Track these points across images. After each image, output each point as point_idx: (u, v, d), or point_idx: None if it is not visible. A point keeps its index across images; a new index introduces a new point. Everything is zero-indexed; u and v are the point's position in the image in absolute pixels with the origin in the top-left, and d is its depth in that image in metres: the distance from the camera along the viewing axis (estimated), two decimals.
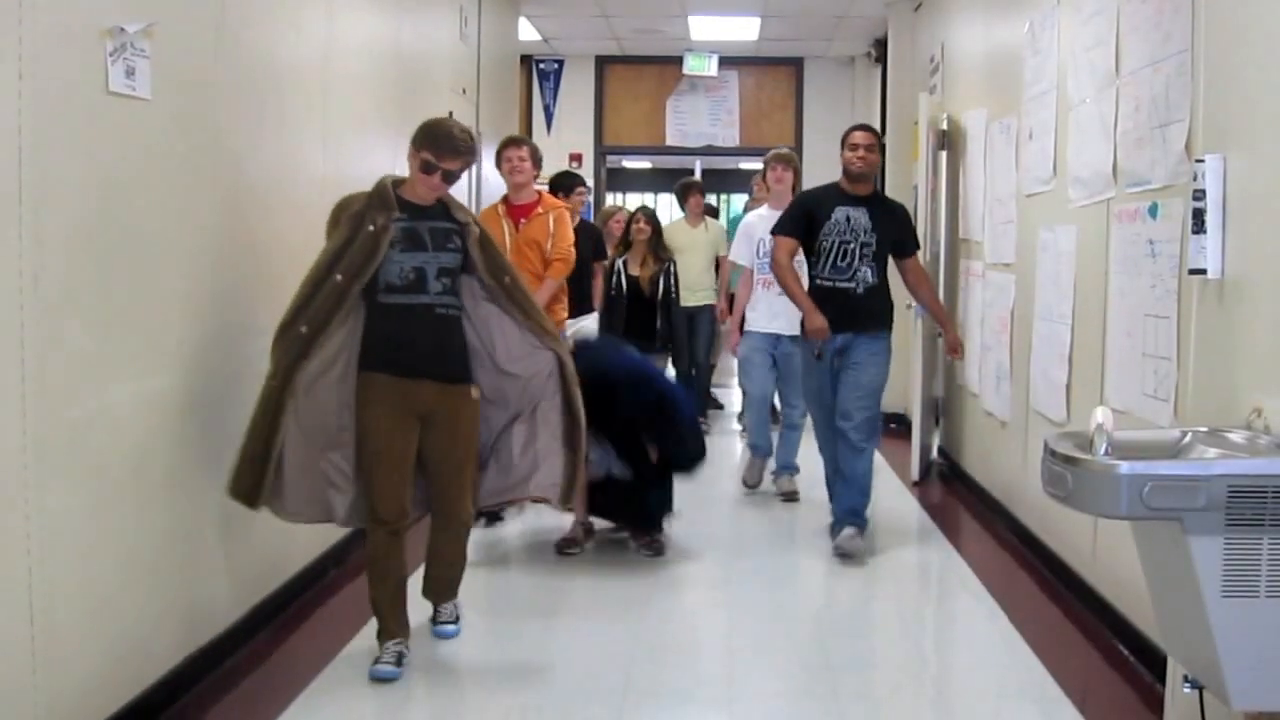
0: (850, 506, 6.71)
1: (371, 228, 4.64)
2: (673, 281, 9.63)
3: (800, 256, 6.93)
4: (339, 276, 4.61)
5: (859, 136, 6.83)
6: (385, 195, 4.74)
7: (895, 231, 6.82)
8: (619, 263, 9.34)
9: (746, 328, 8.21)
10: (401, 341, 4.70)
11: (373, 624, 4.94)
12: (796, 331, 7.12)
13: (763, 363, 8.14)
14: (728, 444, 10.29)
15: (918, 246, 7.10)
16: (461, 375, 4.87)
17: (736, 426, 10.89)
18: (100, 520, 3.91)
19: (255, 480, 4.61)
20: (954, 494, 8.52)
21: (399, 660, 4.78)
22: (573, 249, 7.42)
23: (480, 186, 9.69)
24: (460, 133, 4.82)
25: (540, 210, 7.34)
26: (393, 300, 4.69)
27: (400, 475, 4.75)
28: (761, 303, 8.07)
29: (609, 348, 7.05)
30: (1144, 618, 4.78)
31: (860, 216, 6.69)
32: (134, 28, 3.94)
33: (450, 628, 5.25)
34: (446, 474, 4.88)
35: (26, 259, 3.46)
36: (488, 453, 5.10)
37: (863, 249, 6.66)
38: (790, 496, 8.03)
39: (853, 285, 6.65)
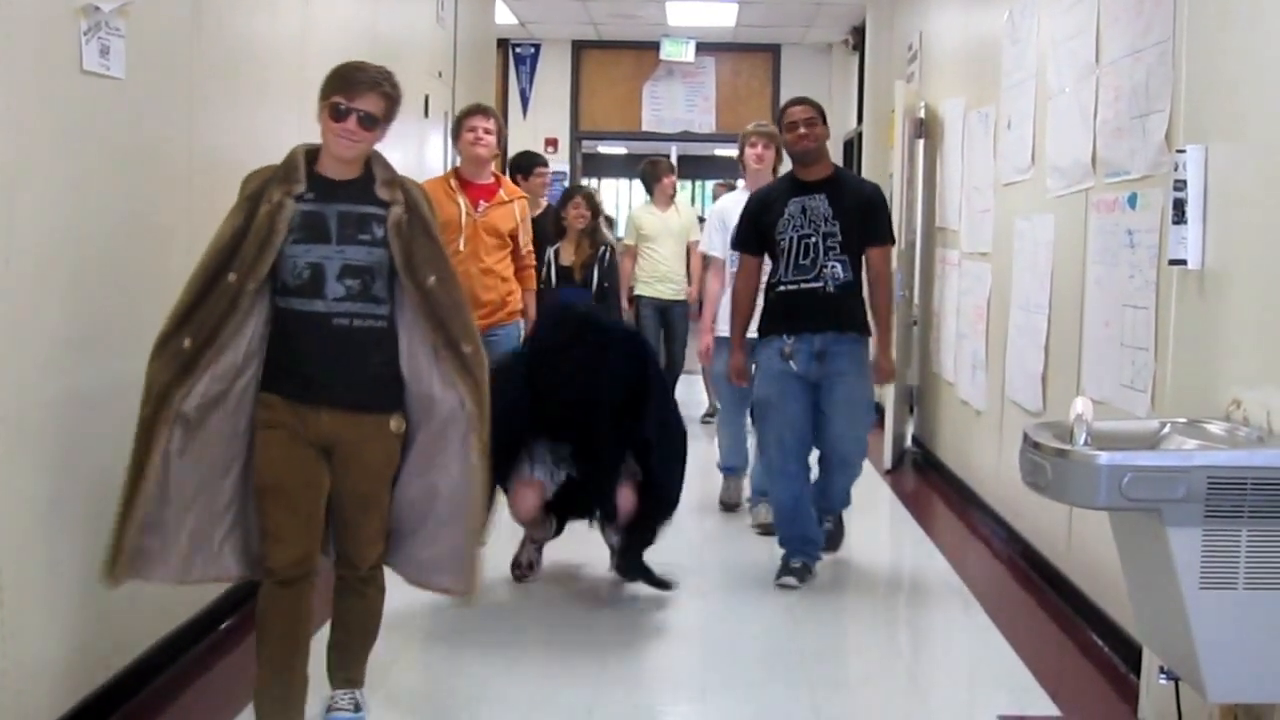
0: (828, 505, 6.15)
1: (267, 205, 3.75)
2: (607, 269, 8.17)
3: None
4: (231, 275, 3.70)
5: (795, 112, 5.90)
6: (292, 166, 3.85)
7: (863, 214, 5.85)
8: (550, 251, 8.03)
9: (718, 332, 7.03)
10: (295, 358, 3.83)
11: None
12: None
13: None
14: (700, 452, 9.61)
15: (888, 237, 6.07)
16: (372, 403, 3.88)
17: (708, 420, 10.14)
18: (66, 505, 3.87)
19: (114, 543, 3.70)
20: (928, 483, 8.53)
21: None
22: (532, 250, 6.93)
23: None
24: (373, 66, 3.96)
25: (505, 196, 6.63)
26: (288, 305, 3.80)
27: (296, 516, 3.82)
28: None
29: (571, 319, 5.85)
30: (1118, 608, 4.79)
31: (819, 204, 5.77)
32: (109, 6, 3.89)
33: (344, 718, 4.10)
34: (345, 518, 3.95)
35: None
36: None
37: (826, 240, 5.73)
38: (768, 530, 6.53)
39: (820, 285, 5.72)
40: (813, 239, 5.74)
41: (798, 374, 5.77)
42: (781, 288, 5.82)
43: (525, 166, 8.38)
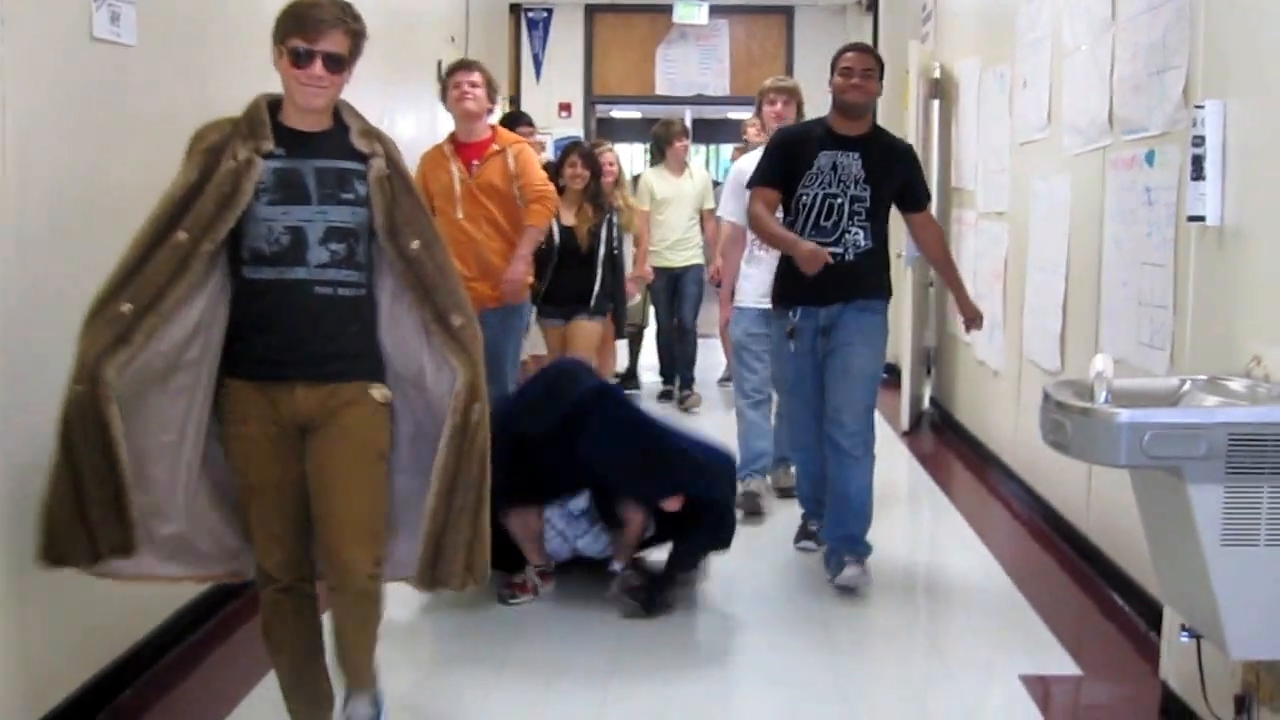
0: (846, 534, 5.38)
1: (232, 163, 3.33)
2: (615, 234, 7.79)
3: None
4: (182, 233, 3.27)
5: (853, 59, 5.34)
6: (257, 119, 3.41)
7: (898, 180, 5.39)
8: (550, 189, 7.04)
9: (738, 302, 6.64)
10: (266, 334, 3.41)
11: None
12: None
13: (760, 350, 6.47)
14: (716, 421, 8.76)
15: (928, 197, 5.72)
16: (349, 371, 3.46)
17: (724, 383, 10.09)
18: None
19: (72, 529, 3.30)
20: (946, 444, 8.52)
21: None
22: (550, 184, 6.42)
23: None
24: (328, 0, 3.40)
25: (495, 147, 6.23)
26: (259, 275, 3.38)
27: (283, 516, 3.48)
28: (756, 270, 6.38)
29: (573, 373, 5.44)
30: (1138, 566, 4.78)
31: (851, 163, 5.26)
32: None
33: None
34: (330, 512, 3.46)
35: (10, 205, 3.42)
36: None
37: (853, 204, 5.24)
38: (788, 492, 6.46)
39: (840, 251, 5.22)
40: (839, 200, 5.25)
41: (806, 355, 5.39)
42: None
43: (508, 126, 7.67)
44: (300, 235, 3.37)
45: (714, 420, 8.71)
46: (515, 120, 8.21)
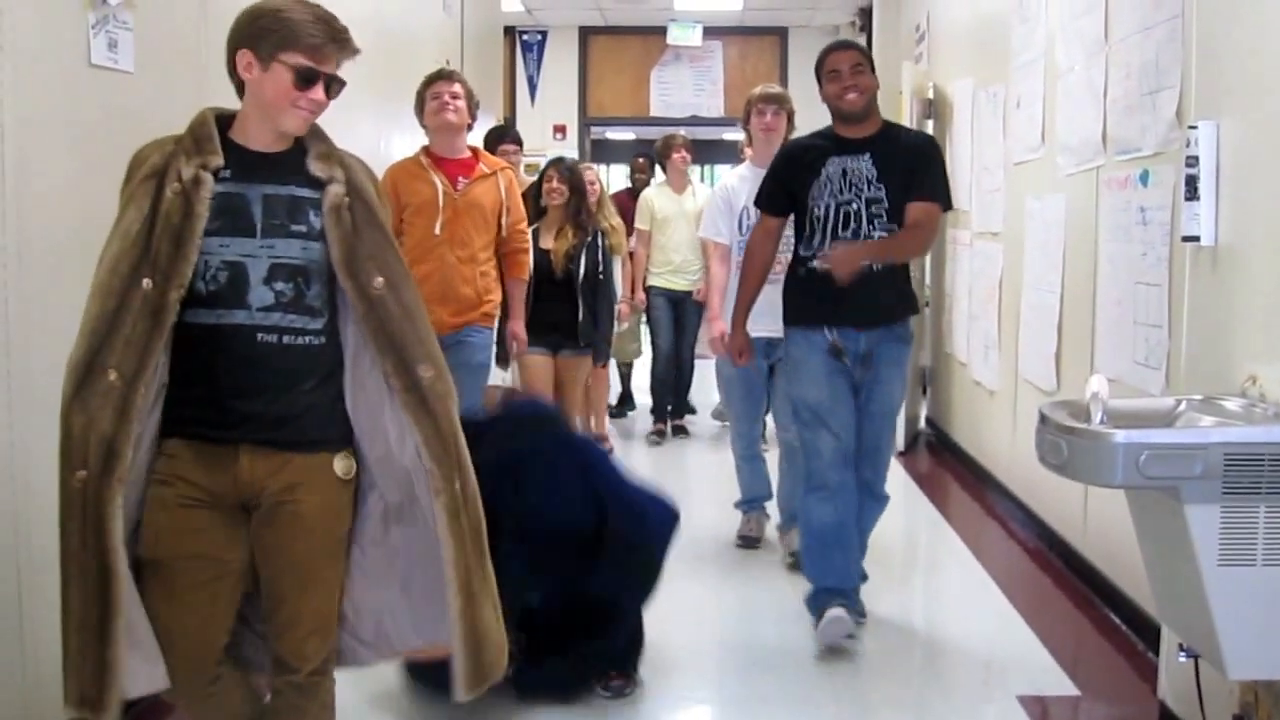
0: (846, 584, 4.95)
1: (176, 185, 2.86)
2: (600, 257, 7.07)
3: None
4: (146, 280, 2.81)
5: (838, 59, 4.89)
6: (203, 132, 2.95)
7: (912, 168, 4.84)
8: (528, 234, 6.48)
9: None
10: (204, 387, 2.90)
11: None
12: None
13: (749, 377, 5.93)
14: (708, 458, 8.59)
15: (936, 192, 4.90)
16: (306, 438, 2.96)
17: (714, 423, 9.56)
18: None
19: (97, 666, 2.80)
20: (942, 464, 8.52)
21: None
22: (526, 224, 6.02)
23: None
24: (329, 12, 3.08)
25: (485, 170, 5.78)
26: (195, 320, 2.87)
27: (179, 604, 2.90)
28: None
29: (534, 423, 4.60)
30: (1135, 586, 4.78)
31: (862, 166, 4.81)
32: (116, 0, 3.89)
33: None
34: (277, 598, 3.00)
35: (9, 233, 3.43)
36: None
37: (870, 208, 4.77)
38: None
39: (864, 262, 4.73)
40: (854, 206, 4.78)
41: (845, 376, 4.87)
42: (814, 264, 4.79)
43: (489, 142, 7.30)
44: (240, 272, 2.89)
45: (709, 452, 8.71)
46: (500, 135, 7.72)
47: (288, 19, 2.94)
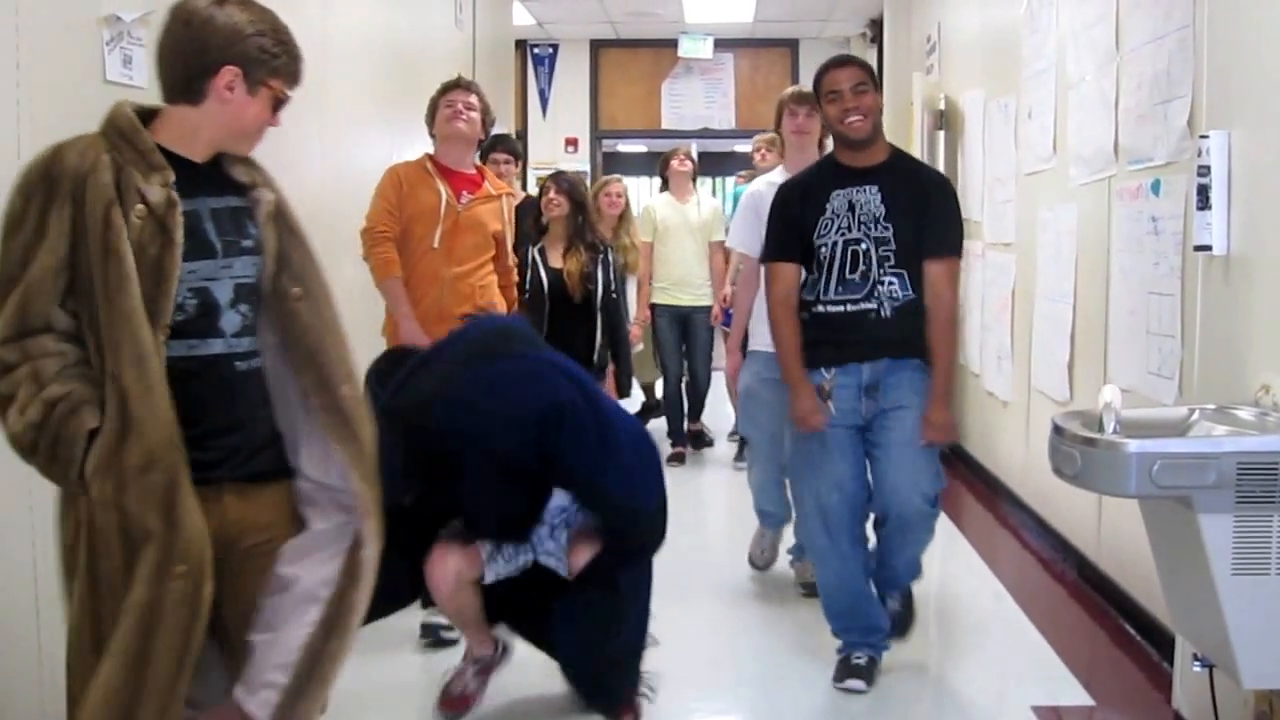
0: (879, 623, 4.66)
1: (142, 207, 2.55)
2: (613, 275, 6.51)
3: None
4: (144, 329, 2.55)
5: (837, 77, 4.45)
6: (143, 142, 2.65)
7: (921, 213, 4.43)
8: (534, 252, 6.40)
9: (751, 346, 5.65)
10: (184, 424, 2.60)
11: None
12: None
13: (773, 399, 5.12)
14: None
15: (951, 248, 4.53)
16: (273, 468, 2.82)
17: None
18: None
19: None
20: (955, 474, 8.49)
21: None
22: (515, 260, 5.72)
23: None
24: (275, 18, 2.86)
25: (491, 190, 5.46)
26: (171, 354, 2.62)
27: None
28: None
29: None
30: (1150, 596, 4.77)
31: (869, 200, 4.40)
32: (130, 16, 3.91)
33: None
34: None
35: None
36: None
37: (880, 248, 4.37)
38: (814, 590, 5.05)
39: (873, 307, 4.39)
40: (862, 245, 4.37)
41: (842, 419, 4.46)
42: (821, 308, 4.44)
43: (483, 151, 6.69)
44: (209, 298, 2.68)
45: (718, 478, 8.57)
46: (492, 144, 6.85)
47: (290, 47, 2.83)
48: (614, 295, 6.51)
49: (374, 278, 5.25)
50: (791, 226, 4.52)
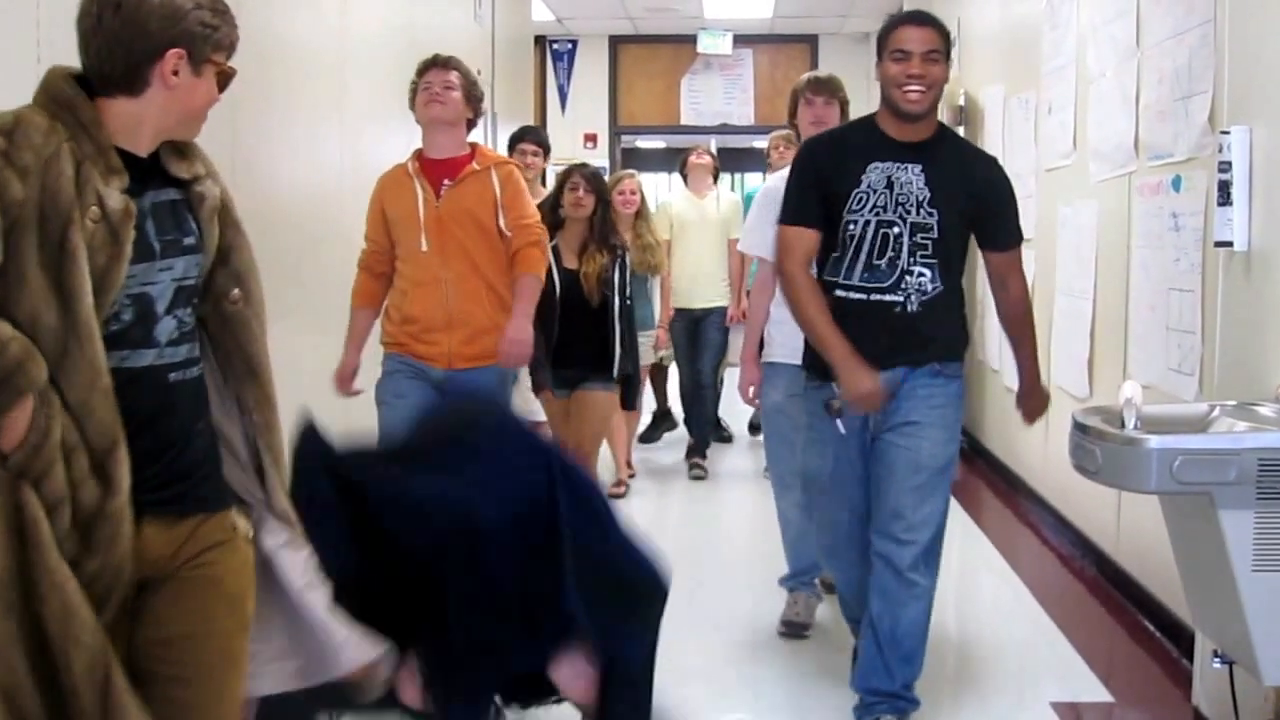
0: (881, 687, 4.06)
1: (96, 210, 2.25)
2: (628, 278, 6.12)
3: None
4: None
5: (910, 36, 3.83)
6: (102, 136, 2.33)
7: (977, 204, 4.00)
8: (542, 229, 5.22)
9: (768, 357, 5.09)
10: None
11: None
12: None
13: (799, 418, 4.47)
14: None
15: (1015, 236, 4.20)
16: (214, 494, 2.50)
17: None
18: None
19: None
20: (975, 471, 8.49)
21: None
22: (539, 221, 4.95)
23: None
24: None
25: (475, 166, 4.82)
26: None
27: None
28: (791, 319, 4.15)
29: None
30: (1170, 593, 4.76)
31: (912, 179, 3.88)
32: None
33: None
34: (189, 699, 2.43)
35: None
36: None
37: (915, 235, 3.87)
38: (796, 630, 5.04)
39: (898, 299, 3.90)
40: (896, 230, 3.87)
41: (852, 438, 4.05)
42: (840, 293, 3.95)
43: (511, 142, 6.55)
44: (146, 304, 2.36)
45: (737, 496, 8.12)
46: (520, 136, 6.79)
47: (226, 15, 2.54)
48: (629, 302, 6.16)
49: None
50: (817, 188, 3.99)
